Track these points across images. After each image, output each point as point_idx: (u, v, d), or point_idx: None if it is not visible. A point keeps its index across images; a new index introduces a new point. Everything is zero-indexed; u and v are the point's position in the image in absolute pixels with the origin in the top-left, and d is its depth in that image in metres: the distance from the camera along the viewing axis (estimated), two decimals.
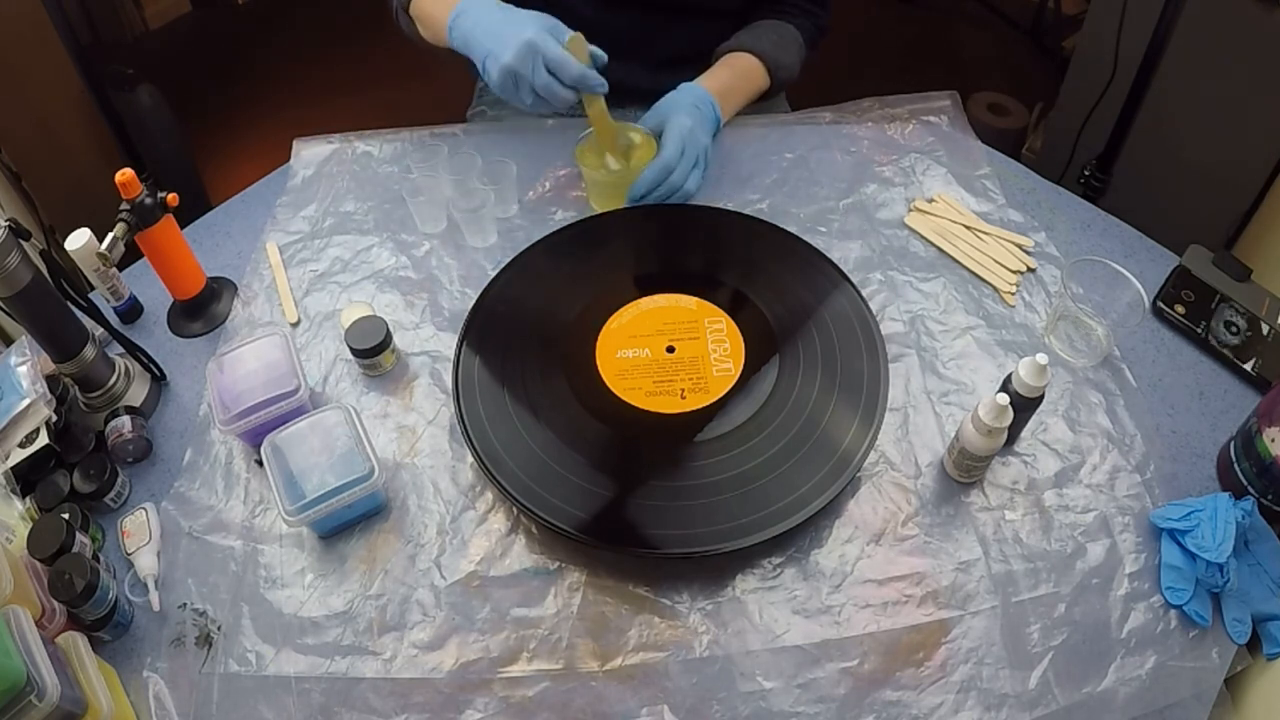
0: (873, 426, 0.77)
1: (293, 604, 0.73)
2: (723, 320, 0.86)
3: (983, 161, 1.04)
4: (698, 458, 0.77)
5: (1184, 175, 1.40)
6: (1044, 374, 0.72)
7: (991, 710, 0.66)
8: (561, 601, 0.72)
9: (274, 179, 1.10)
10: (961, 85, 1.13)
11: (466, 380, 0.83)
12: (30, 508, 0.77)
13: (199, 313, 0.94)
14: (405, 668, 0.70)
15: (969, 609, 0.71)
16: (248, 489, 0.81)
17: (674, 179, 0.95)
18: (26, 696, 0.58)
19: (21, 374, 0.80)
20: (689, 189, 0.97)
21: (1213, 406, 0.83)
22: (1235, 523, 0.69)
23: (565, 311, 0.88)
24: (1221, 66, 1.29)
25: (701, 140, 0.98)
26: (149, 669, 0.71)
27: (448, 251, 0.98)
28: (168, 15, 2.56)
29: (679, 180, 0.95)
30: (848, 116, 1.11)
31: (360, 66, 2.37)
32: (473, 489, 0.79)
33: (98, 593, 0.68)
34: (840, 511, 0.76)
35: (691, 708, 0.67)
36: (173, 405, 0.88)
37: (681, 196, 0.97)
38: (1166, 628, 0.70)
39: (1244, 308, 0.88)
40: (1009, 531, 0.75)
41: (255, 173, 1.11)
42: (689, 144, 0.96)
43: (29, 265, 0.74)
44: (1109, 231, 0.98)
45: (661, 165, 0.94)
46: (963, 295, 0.91)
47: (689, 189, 0.97)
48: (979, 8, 2.51)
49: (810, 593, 0.72)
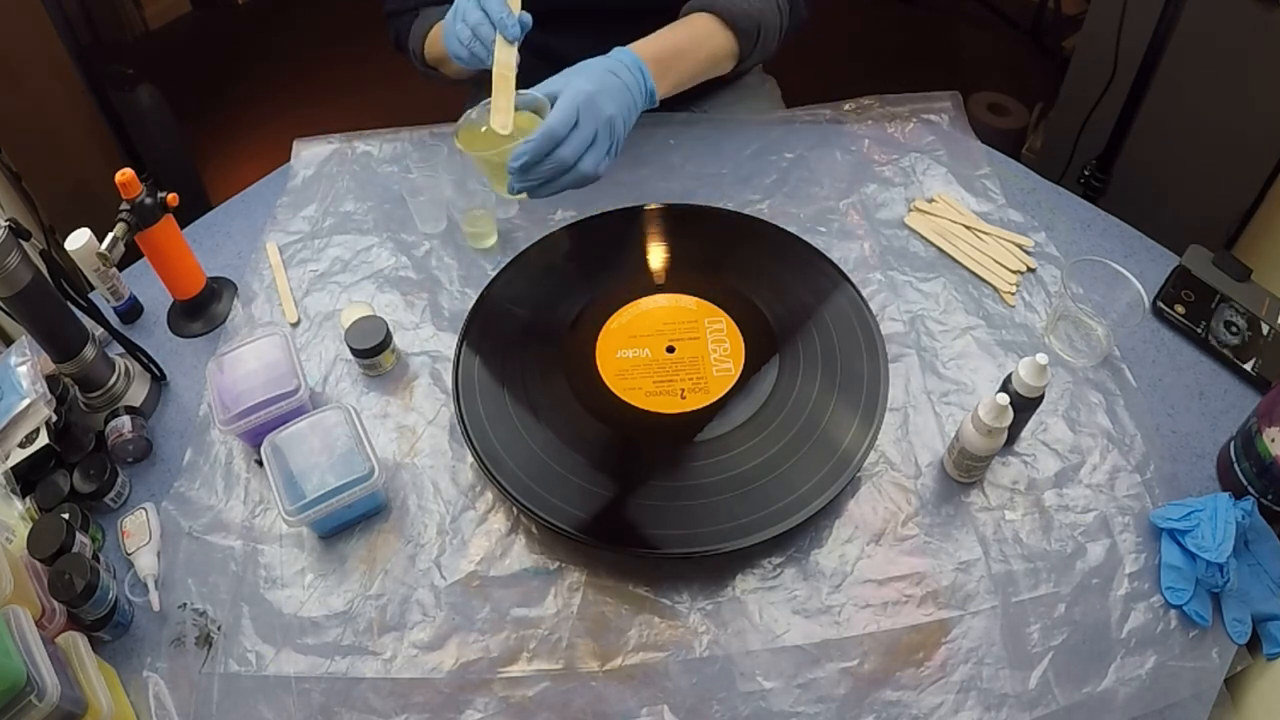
0: (873, 426, 0.77)
1: (293, 604, 0.74)
2: (723, 320, 0.86)
3: (983, 161, 1.04)
4: (698, 458, 0.77)
5: (1184, 175, 1.40)
6: (1044, 374, 0.72)
7: (991, 710, 0.66)
8: (561, 601, 0.72)
9: (274, 179, 1.10)
10: (961, 85, 1.13)
11: (466, 380, 0.83)
12: (30, 508, 0.77)
13: (199, 313, 0.94)
14: (405, 668, 0.70)
15: (969, 609, 0.71)
16: (248, 489, 0.81)
17: (562, 153, 0.78)
18: (26, 696, 0.58)
19: (21, 374, 0.80)
20: (584, 170, 0.80)
21: (1213, 406, 0.83)
22: (1235, 523, 0.69)
23: (565, 311, 0.88)
24: (1221, 66, 1.28)
25: (604, 110, 0.80)
26: (149, 669, 0.71)
27: (448, 251, 0.98)
28: (168, 15, 2.56)
29: (568, 156, 0.78)
30: (848, 115, 1.11)
31: (360, 66, 2.36)
32: (473, 489, 0.79)
33: (98, 593, 0.68)
34: (840, 511, 0.76)
35: (691, 708, 0.67)
36: (173, 405, 0.88)
37: (575, 179, 0.81)
38: (1166, 628, 0.70)
39: (1244, 308, 0.88)
40: (1009, 531, 0.75)
41: (255, 173, 1.11)
42: (585, 113, 0.79)
43: (29, 265, 0.74)
44: (1109, 231, 0.98)
45: (545, 133, 0.77)
46: (963, 295, 0.91)
47: (584, 170, 0.80)
48: (979, 8, 2.51)
49: (810, 593, 0.72)
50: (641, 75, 0.85)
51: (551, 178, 0.80)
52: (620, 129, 0.83)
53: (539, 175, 0.80)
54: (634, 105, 0.84)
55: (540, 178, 0.80)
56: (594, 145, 0.80)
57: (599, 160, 0.81)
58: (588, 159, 0.80)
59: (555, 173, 0.80)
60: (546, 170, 0.79)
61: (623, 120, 0.83)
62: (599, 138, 0.80)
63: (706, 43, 0.91)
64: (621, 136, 0.83)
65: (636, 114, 0.85)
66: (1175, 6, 1.16)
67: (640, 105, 0.86)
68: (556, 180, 0.81)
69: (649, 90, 0.86)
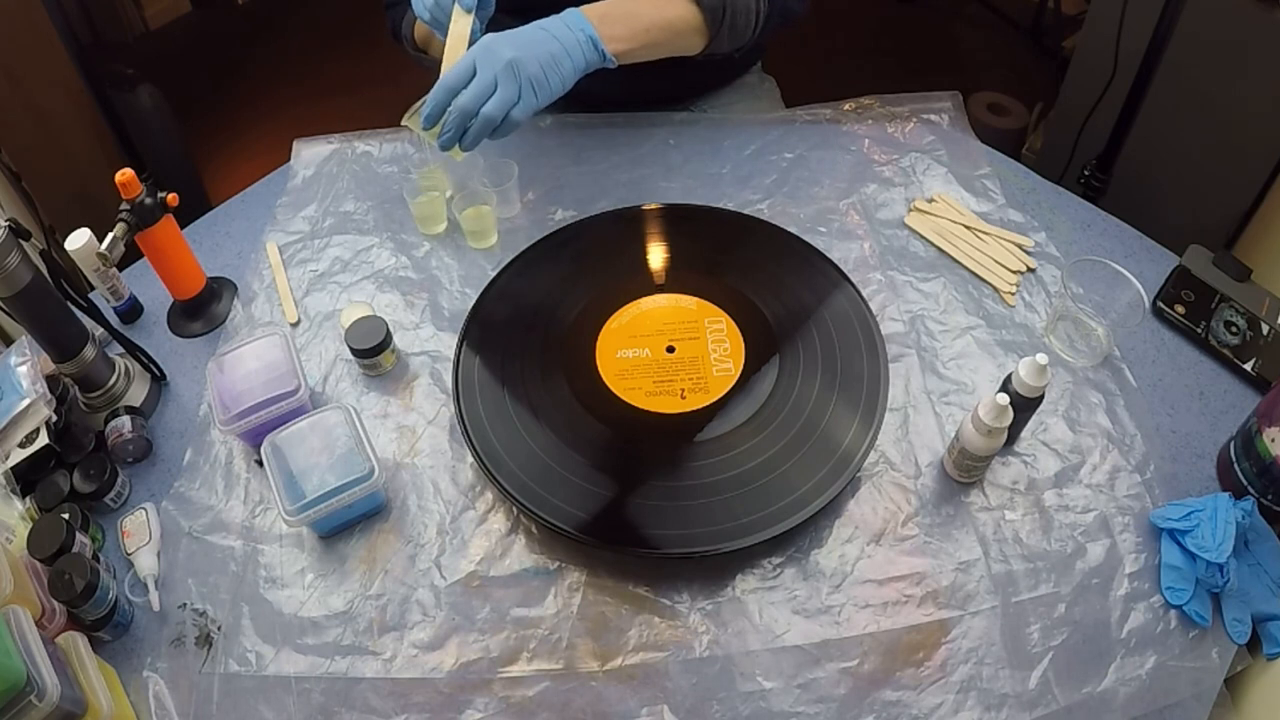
0: (873, 426, 0.77)
1: (293, 604, 0.74)
2: (723, 320, 0.86)
3: (983, 161, 1.04)
4: (698, 458, 0.77)
5: (1184, 175, 1.40)
6: (1044, 374, 0.72)
7: (991, 710, 0.66)
8: (561, 601, 0.72)
9: (274, 179, 1.10)
10: (961, 85, 1.13)
11: (466, 380, 0.83)
12: (30, 508, 0.77)
13: (199, 313, 0.94)
14: (405, 668, 0.70)
15: (969, 609, 0.71)
16: (248, 489, 0.81)
17: (462, 101, 0.80)
18: (26, 696, 0.58)
19: (21, 374, 0.80)
20: (490, 114, 0.80)
21: (1213, 406, 0.83)
22: (1235, 523, 0.69)
23: (565, 311, 0.88)
24: (1221, 66, 1.28)
25: (501, 55, 0.80)
26: (149, 669, 0.71)
27: (448, 251, 0.98)
28: (168, 15, 2.56)
29: (469, 104, 0.80)
30: (848, 115, 1.11)
31: (360, 66, 2.36)
32: (473, 489, 0.79)
33: (98, 593, 0.68)
34: (840, 511, 0.76)
35: (691, 708, 0.67)
36: (173, 405, 0.88)
37: (484, 124, 0.81)
38: (1166, 628, 0.70)
39: (1244, 308, 0.88)
40: (1009, 531, 0.75)
41: (255, 173, 1.11)
42: (481, 60, 0.81)
43: (29, 265, 0.74)
44: (1109, 231, 0.98)
45: (440, 84, 0.81)
46: (963, 295, 0.91)
47: (490, 114, 0.80)
48: (979, 8, 2.51)
49: (810, 593, 0.72)
50: (576, 21, 0.84)
51: (459, 126, 0.81)
52: (533, 71, 0.82)
53: (449, 126, 0.81)
54: (559, 52, 0.83)
55: (451, 128, 0.81)
56: (499, 89, 0.81)
57: (505, 104, 0.81)
58: (491, 104, 0.80)
59: (461, 121, 0.81)
60: (453, 120, 0.81)
61: (538, 63, 0.82)
62: (500, 82, 0.80)
63: (666, 8, 0.91)
64: (537, 78, 0.82)
65: (571, 61, 0.84)
66: (1175, 6, 1.16)
67: (576, 54, 0.84)
68: (472, 130, 0.82)
69: (588, 37, 0.84)
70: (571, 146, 0.99)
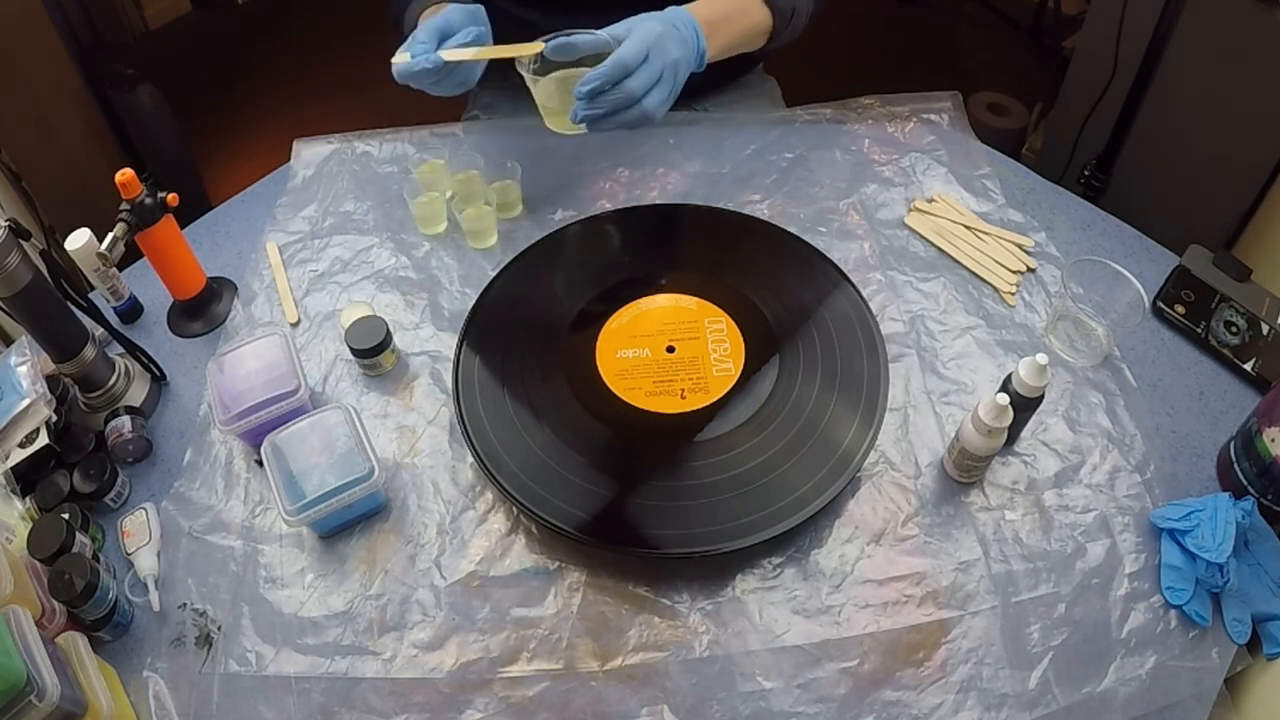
0: (873, 426, 0.77)
1: (293, 604, 0.74)
2: (723, 320, 0.86)
3: (983, 161, 1.04)
4: (698, 458, 0.77)
5: (1184, 175, 1.40)
6: (1044, 374, 0.72)
7: (991, 710, 0.66)
8: (561, 601, 0.72)
9: (274, 179, 1.10)
10: (961, 85, 1.13)
11: (466, 380, 0.83)
12: (30, 508, 0.77)
13: (199, 313, 0.94)
14: (405, 668, 0.70)
15: (969, 609, 0.71)
16: (248, 489, 0.81)
17: (630, 85, 0.78)
18: (26, 696, 0.58)
19: (21, 374, 0.80)
20: (648, 107, 0.80)
21: (1213, 406, 0.83)
22: (1235, 523, 0.69)
23: (565, 311, 0.88)
24: (1221, 66, 1.28)
25: (671, 52, 0.81)
26: (149, 669, 0.71)
27: (448, 251, 0.98)
28: (168, 15, 2.56)
29: (637, 89, 0.78)
30: (848, 115, 1.11)
31: (360, 66, 2.34)
32: (473, 489, 0.79)
33: (98, 593, 0.68)
34: (840, 511, 0.76)
35: (691, 708, 0.67)
36: (173, 405, 0.88)
37: (638, 115, 0.80)
38: (1166, 628, 0.70)
39: (1244, 308, 0.88)
40: (1009, 531, 0.75)
41: (255, 173, 1.11)
42: (655, 51, 0.79)
43: (29, 265, 0.74)
44: (1109, 231, 0.98)
45: (617, 60, 0.77)
46: (963, 295, 0.91)
47: (648, 107, 0.80)
48: (979, 8, 2.51)
49: (810, 593, 0.72)
50: (696, 34, 0.84)
51: (616, 109, 0.80)
52: (682, 76, 0.82)
53: (605, 104, 0.79)
54: (689, 60, 0.84)
55: (605, 107, 0.79)
56: (659, 84, 0.80)
57: (661, 101, 0.81)
58: (652, 96, 0.80)
59: (621, 104, 0.79)
60: (613, 100, 0.79)
61: (685, 68, 0.83)
62: (664, 78, 0.80)
63: (747, 14, 0.91)
64: (679, 86, 0.83)
65: (689, 71, 0.85)
66: (1175, 6, 1.16)
67: (693, 64, 0.85)
68: (620, 114, 0.80)
69: (701, 50, 0.85)
70: (571, 146, 0.99)
